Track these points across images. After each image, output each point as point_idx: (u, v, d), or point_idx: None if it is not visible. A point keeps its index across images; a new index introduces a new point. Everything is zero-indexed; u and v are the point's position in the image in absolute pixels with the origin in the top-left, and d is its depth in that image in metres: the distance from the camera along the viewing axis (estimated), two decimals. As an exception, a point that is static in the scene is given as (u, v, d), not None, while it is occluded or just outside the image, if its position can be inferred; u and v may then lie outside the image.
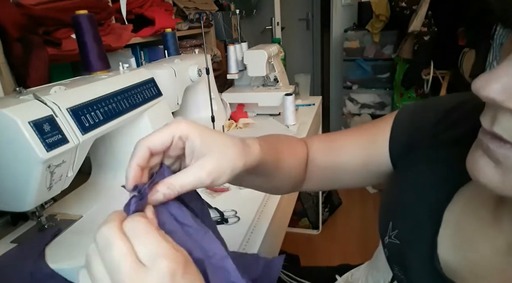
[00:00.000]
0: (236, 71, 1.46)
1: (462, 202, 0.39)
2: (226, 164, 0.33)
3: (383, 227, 0.47)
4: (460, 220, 0.39)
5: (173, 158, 0.35)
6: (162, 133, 0.32)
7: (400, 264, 0.44)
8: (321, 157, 0.54)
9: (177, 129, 0.32)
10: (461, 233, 0.38)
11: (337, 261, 0.74)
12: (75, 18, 0.69)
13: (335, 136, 0.55)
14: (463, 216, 0.39)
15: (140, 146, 0.32)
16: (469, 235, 0.38)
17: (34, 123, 0.48)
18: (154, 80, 0.80)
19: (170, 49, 1.13)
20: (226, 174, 0.33)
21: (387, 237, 0.45)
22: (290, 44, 3.32)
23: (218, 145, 0.34)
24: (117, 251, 0.24)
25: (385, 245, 0.47)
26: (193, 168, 0.32)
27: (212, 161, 0.33)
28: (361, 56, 2.52)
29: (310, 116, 1.39)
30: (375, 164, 0.50)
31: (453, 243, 0.39)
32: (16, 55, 0.73)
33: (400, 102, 2.40)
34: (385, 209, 0.48)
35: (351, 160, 0.51)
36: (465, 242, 0.38)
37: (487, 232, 0.36)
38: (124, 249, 0.24)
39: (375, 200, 2.24)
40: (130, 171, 0.31)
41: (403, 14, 2.15)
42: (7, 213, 0.65)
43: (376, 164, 0.50)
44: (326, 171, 0.54)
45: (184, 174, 0.32)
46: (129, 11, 1.16)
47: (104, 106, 0.63)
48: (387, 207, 0.48)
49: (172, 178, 0.31)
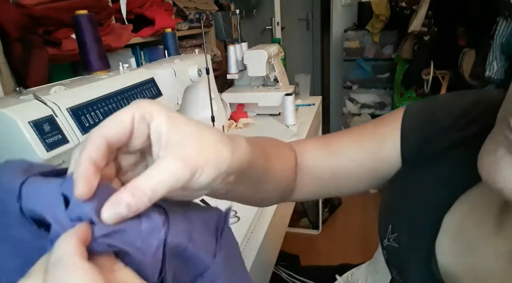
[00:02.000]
0: (236, 71, 1.46)
1: (465, 207, 0.38)
2: (207, 154, 0.24)
3: (383, 229, 0.46)
4: (461, 226, 0.38)
5: (135, 156, 0.26)
6: (119, 116, 0.23)
7: (398, 267, 0.44)
8: (318, 163, 0.48)
9: (136, 108, 0.23)
10: (462, 239, 0.38)
11: (337, 261, 0.74)
12: (75, 18, 0.69)
13: (332, 139, 0.49)
14: (464, 222, 0.38)
15: (92, 135, 0.23)
16: (471, 241, 0.37)
17: (34, 123, 0.48)
18: (154, 80, 0.80)
19: (170, 49, 1.14)
20: (208, 170, 0.24)
21: (386, 240, 0.45)
22: (290, 44, 3.32)
23: (193, 130, 0.25)
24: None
25: (384, 248, 0.46)
26: (162, 159, 0.23)
27: (189, 146, 0.24)
28: (361, 56, 2.52)
29: (310, 116, 1.39)
30: (383, 168, 0.47)
31: (452, 249, 0.38)
32: (16, 55, 0.73)
33: (400, 102, 2.40)
34: (385, 212, 0.47)
35: (356, 165, 0.47)
36: (466, 248, 0.37)
37: (489, 238, 0.36)
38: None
39: (375, 200, 2.24)
40: (79, 169, 0.21)
41: (403, 14, 2.15)
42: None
43: (385, 168, 0.47)
44: (323, 178, 0.48)
45: (152, 170, 0.22)
46: (129, 11, 1.16)
47: (104, 106, 0.63)
48: (388, 209, 0.47)
49: (136, 180, 0.22)
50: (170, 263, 0.23)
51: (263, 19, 3.20)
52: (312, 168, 0.48)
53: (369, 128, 0.49)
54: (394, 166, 0.46)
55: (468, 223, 0.37)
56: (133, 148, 0.25)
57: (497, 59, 1.59)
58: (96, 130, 0.23)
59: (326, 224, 2.06)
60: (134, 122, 0.23)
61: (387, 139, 0.46)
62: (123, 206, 0.21)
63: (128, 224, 0.21)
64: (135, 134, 0.24)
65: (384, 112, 2.60)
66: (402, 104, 2.39)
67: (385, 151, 0.46)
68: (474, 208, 0.38)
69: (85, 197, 0.21)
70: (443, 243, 0.39)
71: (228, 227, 0.28)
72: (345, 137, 0.49)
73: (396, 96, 2.43)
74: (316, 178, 0.48)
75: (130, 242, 0.21)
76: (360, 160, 0.47)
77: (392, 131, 0.46)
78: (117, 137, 0.23)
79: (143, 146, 0.25)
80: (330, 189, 0.50)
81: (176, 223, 0.23)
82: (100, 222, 0.21)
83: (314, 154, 0.48)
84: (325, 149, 0.49)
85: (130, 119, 0.23)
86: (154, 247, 0.22)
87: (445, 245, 0.39)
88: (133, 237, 0.21)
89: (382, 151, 0.46)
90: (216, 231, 0.27)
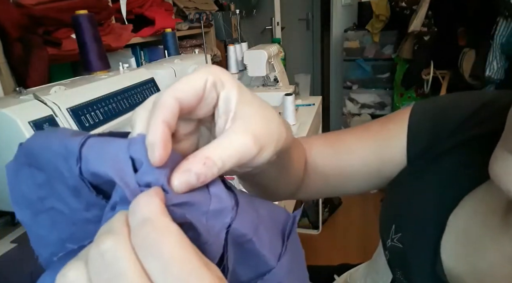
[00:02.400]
0: (236, 71, 1.46)
1: (470, 207, 0.38)
2: (273, 132, 0.23)
3: (385, 229, 0.46)
4: (467, 226, 0.37)
5: (193, 125, 0.24)
6: (193, 79, 0.21)
7: (402, 268, 0.43)
8: (324, 162, 0.47)
9: (209, 73, 0.22)
10: (468, 239, 0.37)
11: (337, 261, 0.74)
12: (75, 18, 0.69)
13: (338, 137, 0.49)
14: (470, 222, 0.37)
15: (165, 97, 0.20)
16: (476, 242, 0.36)
17: (34, 123, 0.48)
18: (154, 80, 0.80)
19: (170, 49, 1.14)
20: (270, 149, 0.23)
21: (389, 240, 0.44)
22: (290, 44, 3.32)
23: (259, 105, 0.24)
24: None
25: (386, 248, 0.46)
26: (232, 132, 0.21)
27: (257, 122, 0.22)
28: (361, 56, 2.52)
29: (310, 116, 1.39)
30: (389, 169, 0.46)
31: (457, 249, 0.38)
32: (16, 55, 0.73)
33: (400, 102, 2.40)
34: (388, 211, 0.47)
35: (363, 165, 0.47)
36: (471, 249, 0.37)
37: (496, 239, 0.35)
38: None
39: (376, 199, 2.24)
40: (156, 132, 0.19)
41: (403, 14, 2.15)
42: (7, 213, 0.65)
43: (390, 169, 0.46)
44: (329, 176, 0.48)
45: (222, 140, 0.21)
46: (129, 11, 1.16)
47: (104, 106, 0.63)
48: (391, 209, 0.47)
49: (206, 150, 0.20)
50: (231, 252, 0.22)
51: (263, 19, 3.21)
52: (319, 166, 0.47)
53: (375, 127, 0.48)
54: (399, 166, 0.46)
55: (473, 224, 0.37)
56: (196, 116, 0.23)
57: (497, 59, 1.59)
58: (170, 92, 0.21)
59: (326, 224, 2.06)
60: (206, 88, 0.22)
61: (394, 139, 0.45)
62: (193, 175, 0.19)
63: (198, 198, 0.20)
64: (204, 101, 0.22)
65: (384, 112, 2.60)
66: (402, 104, 2.39)
67: (391, 150, 0.45)
68: (479, 208, 0.37)
69: (162, 162, 0.19)
70: (448, 244, 0.38)
71: (295, 232, 0.25)
72: (352, 136, 0.48)
73: (396, 96, 2.43)
74: (322, 176, 0.48)
75: (197, 218, 0.19)
76: (365, 159, 0.46)
77: (398, 131, 0.45)
78: (189, 102, 0.21)
79: (207, 115, 0.23)
80: (334, 188, 0.49)
81: (244, 211, 0.22)
82: (171, 190, 0.19)
83: (321, 152, 0.48)
84: (331, 147, 0.48)
85: (203, 84, 0.21)
86: (217, 229, 0.20)
87: (450, 246, 0.38)
88: (200, 214, 0.20)
89: (388, 151, 0.46)
90: (283, 233, 0.25)
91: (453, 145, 0.41)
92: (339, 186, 0.49)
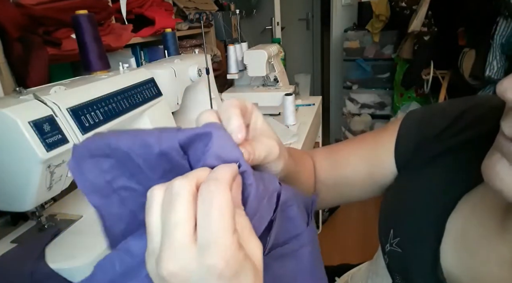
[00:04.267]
0: (236, 71, 1.46)
1: (467, 210, 0.38)
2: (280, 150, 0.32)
3: (384, 234, 0.46)
4: (464, 229, 0.37)
5: None
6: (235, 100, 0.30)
7: (401, 272, 0.43)
8: (325, 174, 0.51)
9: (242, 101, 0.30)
10: (465, 243, 0.37)
11: (337, 261, 0.74)
12: (75, 18, 0.69)
13: (336, 148, 0.53)
14: (467, 225, 0.37)
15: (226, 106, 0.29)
16: (474, 245, 0.36)
17: (34, 123, 0.48)
18: (154, 80, 0.80)
19: (170, 49, 1.13)
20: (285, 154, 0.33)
21: (388, 245, 0.44)
22: (290, 44, 3.32)
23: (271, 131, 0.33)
24: (176, 216, 0.21)
25: (385, 253, 0.45)
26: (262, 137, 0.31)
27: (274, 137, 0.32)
28: (361, 56, 2.52)
29: (310, 116, 1.39)
30: (379, 174, 0.48)
31: (456, 253, 0.38)
32: (16, 55, 0.73)
33: (400, 102, 2.40)
34: (385, 216, 0.47)
35: (356, 172, 0.49)
36: (469, 252, 0.37)
37: (493, 242, 0.35)
38: (184, 217, 0.21)
39: (376, 200, 2.23)
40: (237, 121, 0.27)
41: (403, 14, 2.15)
42: (7, 213, 0.65)
43: (381, 174, 0.48)
44: (332, 187, 0.51)
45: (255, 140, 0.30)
46: (129, 11, 1.16)
47: (104, 106, 0.63)
48: (388, 213, 0.47)
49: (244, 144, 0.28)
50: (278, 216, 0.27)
51: (263, 19, 3.20)
52: (322, 178, 0.51)
53: (370, 136, 0.51)
54: (391, 173, 0.48)
55: (471, 227, 0.37)
56: None
57: (497, 59, 1.59)
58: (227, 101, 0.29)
59: (326, 224, 2.06)
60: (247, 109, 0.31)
61: (383, 147, 0.48)
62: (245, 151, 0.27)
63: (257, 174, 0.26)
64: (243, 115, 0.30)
65: (384, 112, 2.60)
66: (402, 104, 2.39)
67: (381, 158, 0.48)
68: (477, 210, 0.37)
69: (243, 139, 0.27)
70: (447, 248, 0.38)
71: None
72: (348, 147, 0.52)
73: (396, 96, 2.43)
74: (326, 188, 0.52)
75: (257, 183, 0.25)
76: (359, 167, 0.49)
77: (389, 139, 0.48)
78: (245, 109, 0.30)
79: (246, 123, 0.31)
80: (341, 197, 0.53)
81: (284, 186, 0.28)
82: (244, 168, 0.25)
83: (322, 165, 0.52)
84: (329, 159, 0.52)
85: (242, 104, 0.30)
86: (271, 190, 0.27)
87: (448, 250, 0.38)
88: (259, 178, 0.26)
89: (377, 159, 0.48)
90: (306, 207, 0.31)
91: (442, 149, 0.41)
92: (342, 194, 0.52)
